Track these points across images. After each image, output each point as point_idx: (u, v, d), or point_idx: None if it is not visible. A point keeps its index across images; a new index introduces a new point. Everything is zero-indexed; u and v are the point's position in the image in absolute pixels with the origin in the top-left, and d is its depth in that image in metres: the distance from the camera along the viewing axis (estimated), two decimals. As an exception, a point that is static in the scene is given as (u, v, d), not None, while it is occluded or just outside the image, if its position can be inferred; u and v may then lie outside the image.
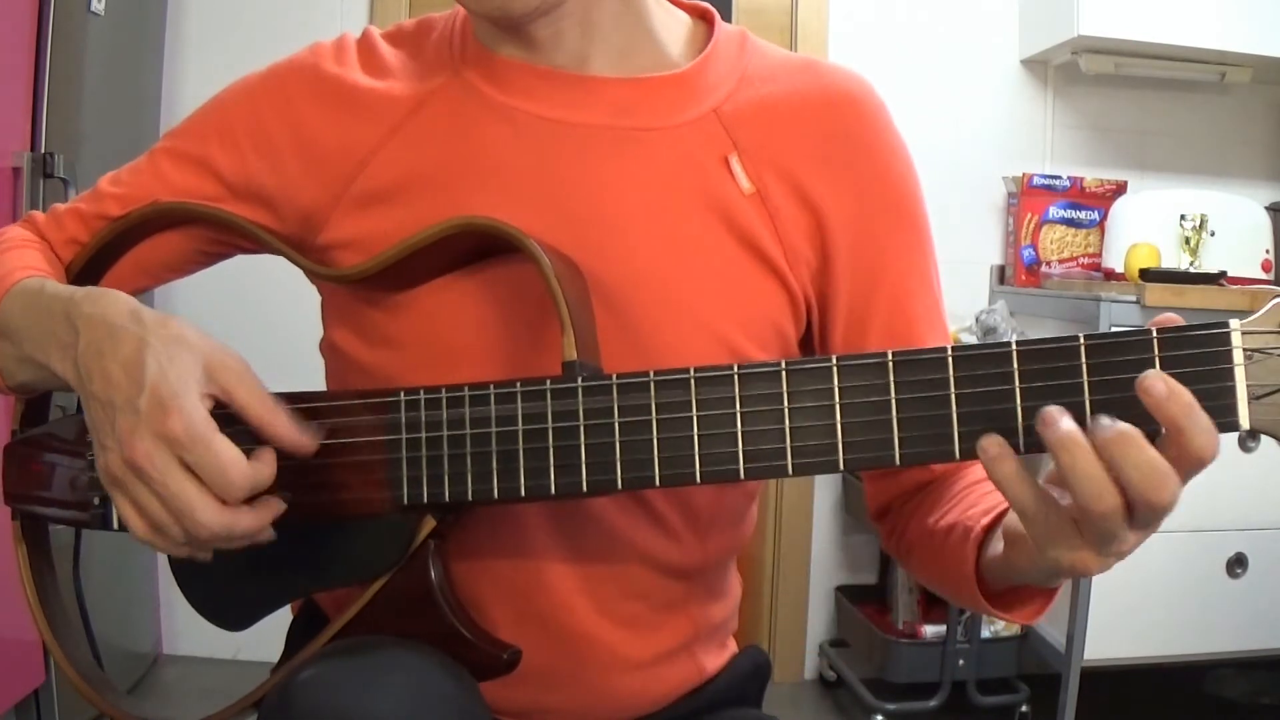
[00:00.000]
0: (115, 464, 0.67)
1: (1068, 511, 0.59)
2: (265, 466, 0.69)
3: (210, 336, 0.70)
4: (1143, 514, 0.58)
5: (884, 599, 2.62)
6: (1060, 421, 0.58)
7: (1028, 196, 2.63)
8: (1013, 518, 0.65)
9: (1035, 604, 0.73)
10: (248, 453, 0.68)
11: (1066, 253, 2.64)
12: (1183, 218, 2.41)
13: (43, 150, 1.87)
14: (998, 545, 0.69)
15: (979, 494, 0.77)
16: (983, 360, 0.63)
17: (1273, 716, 2.47)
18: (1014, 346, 0.62)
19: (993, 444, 0.60)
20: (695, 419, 0.67)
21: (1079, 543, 0.60)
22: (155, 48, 2.46)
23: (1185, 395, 0.57)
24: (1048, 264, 2.63)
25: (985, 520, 0.72)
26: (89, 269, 0.84)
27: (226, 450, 0.66)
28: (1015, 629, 2.42)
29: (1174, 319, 0.60)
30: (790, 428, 0.66)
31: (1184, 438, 0.57)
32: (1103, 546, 0.59)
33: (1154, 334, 0.60)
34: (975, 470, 0.81)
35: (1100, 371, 0.60)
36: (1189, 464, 0.57)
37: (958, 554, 0.73)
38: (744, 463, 0.66)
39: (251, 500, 0.68)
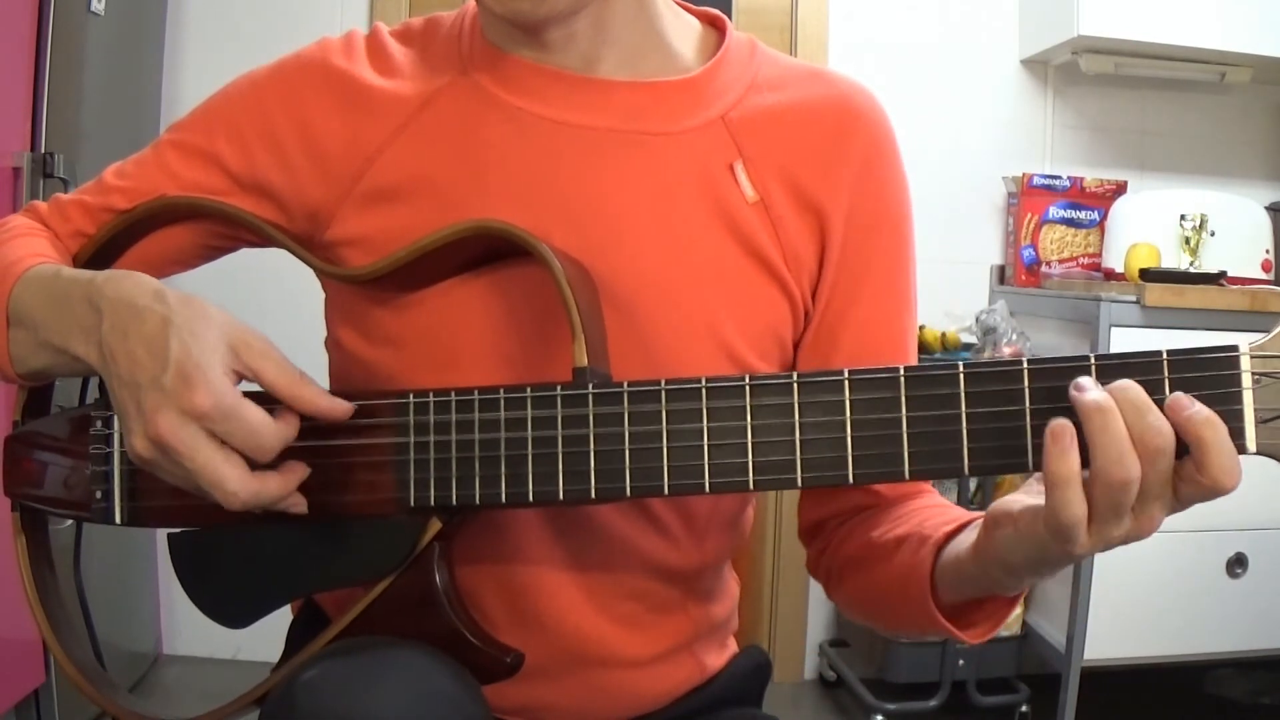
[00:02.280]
0: (142, 444, 0.67)
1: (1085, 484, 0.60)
2: (289, 426, 0.70)
3: (232, 316, 0.70)
4: (1142, 523, 0.59)
5: (884, 599, 2.62)
6: (1093, 389, 0.59)
7: (1028, 196, 2.63)
8: (1004, 499, 0.65)
9: (985, 624, 0.72)
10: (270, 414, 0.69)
11: (1066, 253, 2.64)
12: (1183, 218, 2.41)
13: (43, 150, 1.86)
14: (960, 546, 0.69)
15: (932, 512, 0.77)
16: (993, 377, 0.63)
17: (1273, 716, 2.48)
18: (1025, 365, 0.62)
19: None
20: (705, 429, 0.67)
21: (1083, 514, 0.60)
22: (155, 48, 2.46)
23: (1210, 414, 0.58)
24: (1048, 264, 2.63)
25: (948, 528, 0.72)
26: (94, 261, 0.84)
27: (256, 415, 0.67)
28: (1015, 629, 2.42)
29: None
30: (800, 440, 0.66)
31: (1206, 454, 0.58)
32: (1104, 522, 0.60)
33: (1164, 355, 0.60)
34: (924, 497, 0.82)
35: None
36: (1208, 482, 0.58)
37: (910, 561, 0.73)
38: (753, 474, 0.66)
39: (276, 466, 0.70)
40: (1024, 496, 0.64)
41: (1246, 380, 0.59)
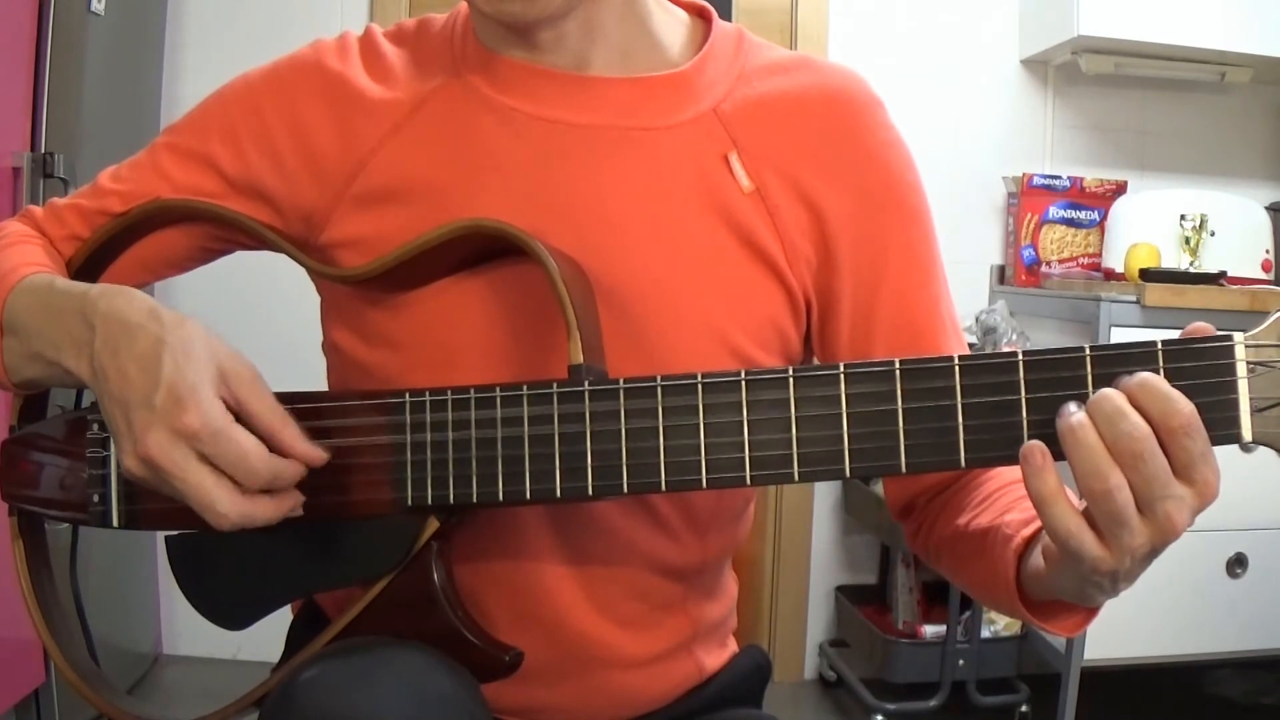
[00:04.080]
0: (132, 463, 0.67)
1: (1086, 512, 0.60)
2: (290, 465, 0.69)
3: (224, 342, 0.70)
4: (1139, 487, 0.59)
5: (884, 599, 2.62)
6: (1073, 412, 0.60)
7: (1028, 196, 2.63)
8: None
9: (1076, 617, 0.72)
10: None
11: (1066, 253, 2.64)
12: (1183, 218, 2.41)
13: (43, 150, 1.86)
14: (1039, 558, 0.68)
15: (1013, 498, 0.76)
16: (989, 370, 0.63)
17: (1273, 716, 2.47)
18: (1020, 357, 0.62)
19: (1035, 452, 0.61)
20: (702, 425, 0.67)
21: (1094, 538, 0.60)
22: (155, 48, 2.46)
23: (1148, 378, 0.58)
24: (1048, 264, 2.63)
25: (1026, 531, 0.71)
26: (89, 265, 0.84)
27: (245, 439, 0.67)
28: (1015, 629, 2.42)
29: (1206, 329, 0.61)
30: (797, 435, 0.66)
31: (1161, 422, 0.58)
32: (1112, 534, 0.59)
33: (1159, 345, 0.60)
34: (1004, 472, 0.80)
35: (1105, 382, 0.61)
36: (1173, 436, 0.58)
37: (998, 562, 0.72)
38: (750, 469, 0.66)
39: (271, 491, 0.69)
40: None
41: (1241, 369, 0.59)
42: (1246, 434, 0.60)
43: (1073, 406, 0.60)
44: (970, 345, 2.44)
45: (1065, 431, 0.60)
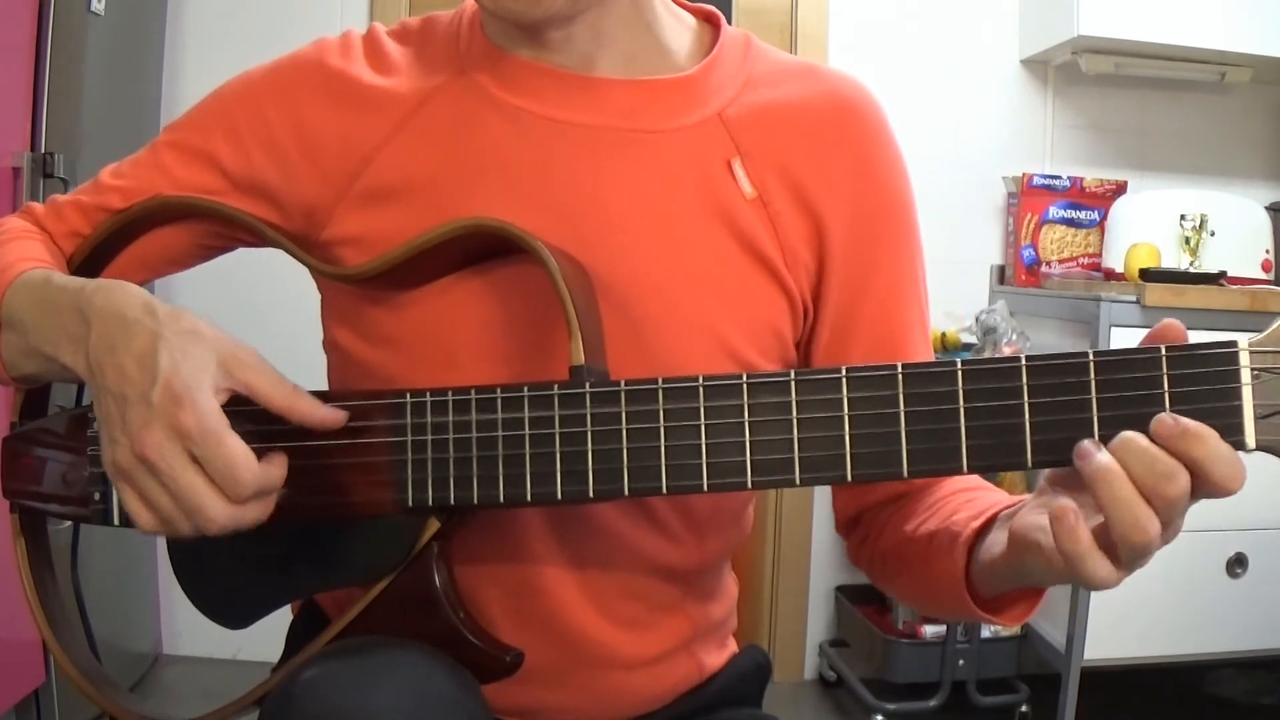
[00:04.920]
0: (124, 457, 0.67)
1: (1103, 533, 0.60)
2: (276, 469, 0.69)
3: (223, 330, 0.70)
4: (1168, 535, 0.60)
5: (884, 599, 2.62)
6: (1096, 455, 0.59)
7: (1028, 196, 2.63)
8: (1026, 521, 0.64)
9: (1021, 607, 0.73)
10: (259, 454, 0.68)
11: (1066, 253, 2.64)
12: (1183, 218, 2.41)
13: (43, 150, 1.86)
14: (992, 549, 0.69)
15: (959, 502, 0.77)
16: (992, 375, 0.63)
17: (1273, 716, 2.47)
18: (1023, 362, 0.62)
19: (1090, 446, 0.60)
20: (703, 427, 0.67)
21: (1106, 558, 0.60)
22: (155, 48, 2.46)
23: (1199, 428, 0.58)
24: (1048, 264, 2.63)
25: (976, 524, 0.72)
26: (89, 261, 0.84)
27: (236, 447, 0.66)
28: (1015, 629, 2.43)
29: (1175, 325, 0.61)
30: (798, 438, 0.65)
31: (1204, 470, 0.58)
32: (1132, 565, 0.61)
33: (1163, 352, 0.60)
34: (951, 482, 0.81)
35: (1109, 388, 0.61)
36: (1213, 492, 0.58)
37: (944, 559, 0.73)
38: (751, 473, 0.66)
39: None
40: (1044, 519, 0.62)
41: (1246, 376, 0.59)
42: (1250, 441, 0.59)
43: (1089, 445, 0.59)
44: (969, 345, 2.46)
45: (1097, 479, 0.59)
